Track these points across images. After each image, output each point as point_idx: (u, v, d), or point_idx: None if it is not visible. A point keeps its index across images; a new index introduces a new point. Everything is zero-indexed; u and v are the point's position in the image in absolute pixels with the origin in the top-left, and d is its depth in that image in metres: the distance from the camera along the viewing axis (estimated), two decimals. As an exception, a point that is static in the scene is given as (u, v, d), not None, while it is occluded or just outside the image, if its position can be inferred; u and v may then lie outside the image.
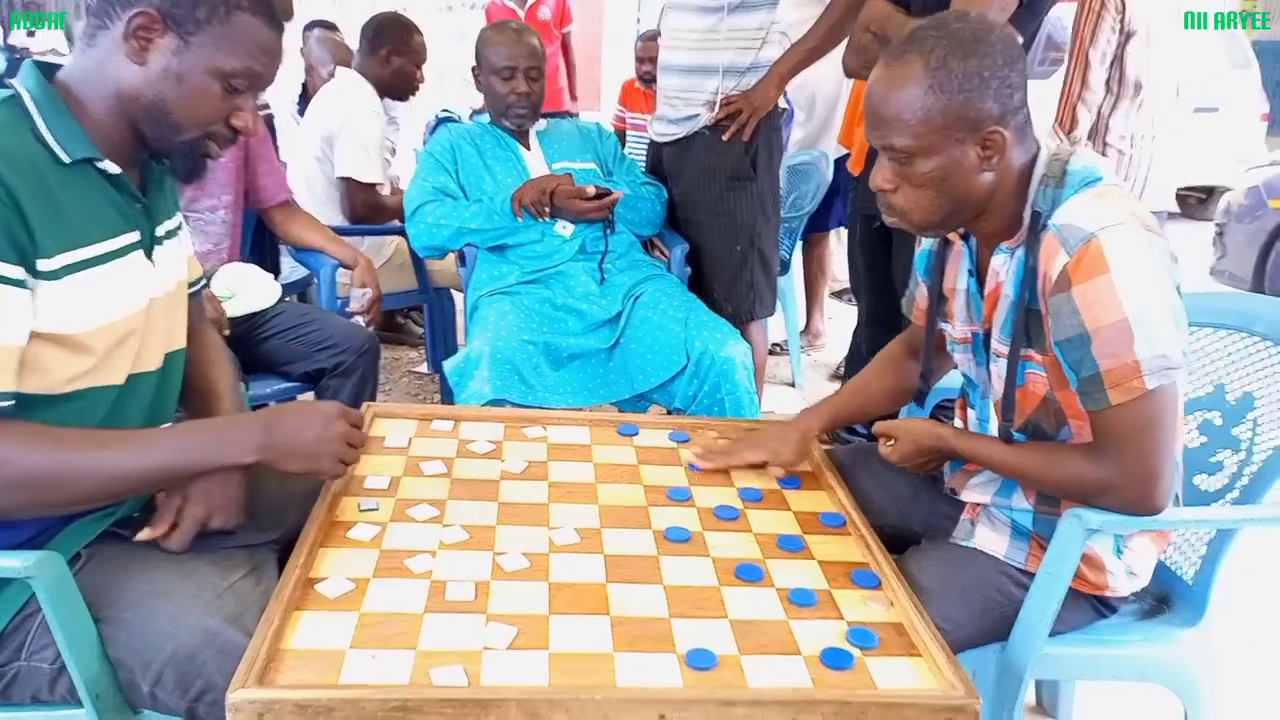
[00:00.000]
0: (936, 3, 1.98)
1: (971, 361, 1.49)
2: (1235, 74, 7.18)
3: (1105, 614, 1.45)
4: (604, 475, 1.58)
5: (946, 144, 1.28)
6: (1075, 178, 1.30)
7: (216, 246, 2.36)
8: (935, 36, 1.27)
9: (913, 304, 1.66)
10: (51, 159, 1.16)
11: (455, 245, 2.45)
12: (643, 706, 1.05)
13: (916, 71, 1.26)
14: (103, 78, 1.20)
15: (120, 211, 1.25)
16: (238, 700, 1.00)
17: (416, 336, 4.04)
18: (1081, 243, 1.23)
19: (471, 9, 11.99)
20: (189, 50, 1.19)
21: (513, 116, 2.48)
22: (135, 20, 1.17)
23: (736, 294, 2.56)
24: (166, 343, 1.34)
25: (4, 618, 1.17)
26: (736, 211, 2.51)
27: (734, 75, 2.46)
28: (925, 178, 1.30)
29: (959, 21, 1.29)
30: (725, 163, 2.50)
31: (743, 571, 1.32)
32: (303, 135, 3.31)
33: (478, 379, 2.10)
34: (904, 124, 1.28)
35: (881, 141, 1.32)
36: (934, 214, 1.34)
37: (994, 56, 1.26)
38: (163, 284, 1.32)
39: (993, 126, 1.27)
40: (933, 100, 1.26)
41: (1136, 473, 1.25)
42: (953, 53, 1.25)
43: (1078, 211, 1.26)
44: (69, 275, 1.16)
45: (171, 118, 1.21)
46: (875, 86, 1.32)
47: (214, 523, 1.25)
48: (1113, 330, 1.21)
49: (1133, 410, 1.23)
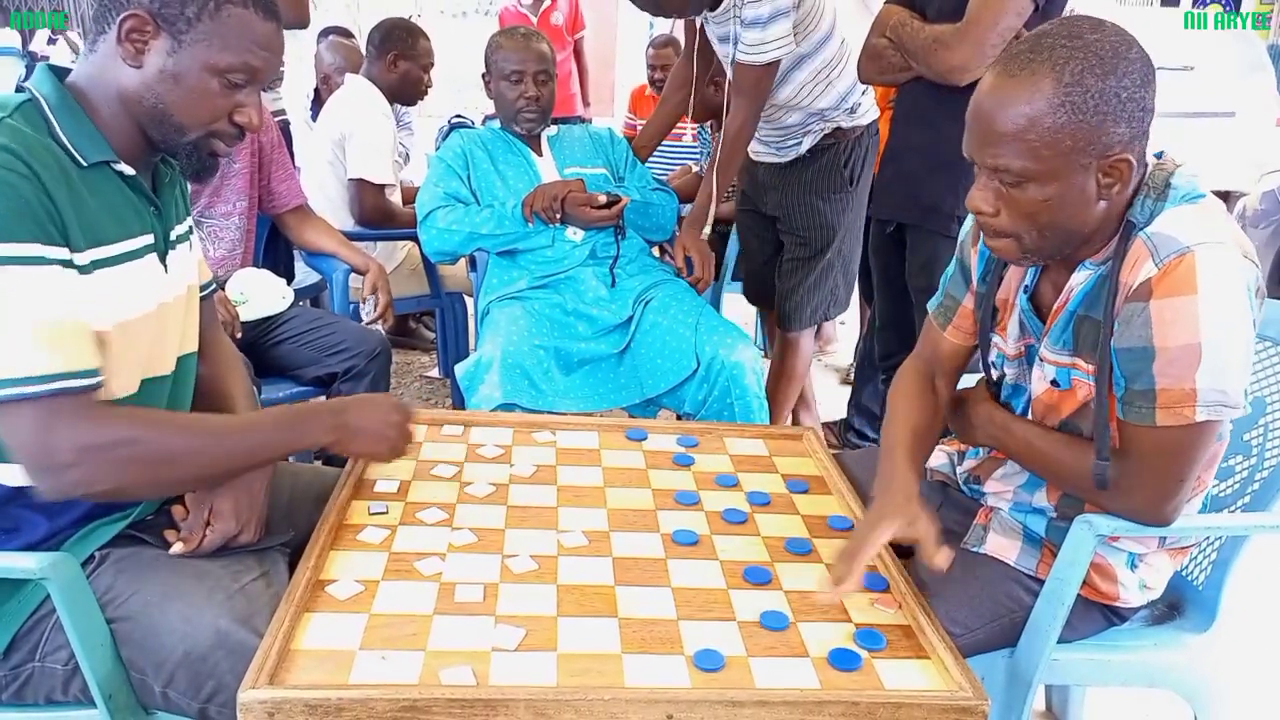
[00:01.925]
0: (953, 9, 1.99)
1: (1024, 375, 1.42)
2: (1251, 78, 7.14)
3: (1116, 622, 1.44)
4: (612, 479, 1.59)
5: (1069, 169, 1.16)
6: (1178, 192, 1.21)
7: (231, 252, 2.38)
8: (1069, 47, 1.14)
9: (950, 318, 1.52)
10: (70, 160, 1.17)
11: (466, 250, 2.46)
12: (650, 707, 1.05)
13: (1046, 86, 1.13)
14: (105, 83, 1.21)
15: (136, 213, 1.26)
16: (249, 700, 1.01)
17: (428, 341, 4.06)
18: (1174, 255, 1.15)
19: (485, 15, 12.05)
20: (182, 49, 1.18)
21: (522, 121, 2.50)
22: (127, 23, 1.17)
23: (818, 296, 2.71)
24: (179, 346, 1.35)
25: (19, 619, 1.18)
26: (832, 220, 2.64)
27: (818, 119, 2.59)
28: (1037, 204, 1.18)
29: (1094, 32, 1.16)
30: (824, 178, 2.63)
31: (751, 574, 1.32)
32: (315, 141, 3.34)
33: (488, 384, 2.11)
34: (1025, 144, 1.15)
35: (994, 161, 1.18)
36: (1038, 244, 1.23)
37: (1133, 75, 1.14)
38: (173, 289, 1.32)
39: (1121, 153, 1.16)
40: (1063, 119, 1.13)
41: (1153, 488, 1.24)
42: (1090, 69, 1.13)
43: (1175, 223, 1.17)
44: (97, 270, 1.17)
45: (173, 119, 1.21)
46: (990, 98, 1.18)
47: (241, 538, 1.28)
48: (1180, 352, 1.14)
49: (1171, 434, 1.19)
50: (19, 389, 1.07)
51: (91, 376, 1.12)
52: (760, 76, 2.39)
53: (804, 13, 2.41)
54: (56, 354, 1.09)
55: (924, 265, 2.16)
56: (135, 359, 1.25)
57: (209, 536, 1.26)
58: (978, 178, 1.24)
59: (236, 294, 2.26)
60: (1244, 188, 6.15)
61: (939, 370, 1.54)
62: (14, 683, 1.19)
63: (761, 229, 2.83)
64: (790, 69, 2.48)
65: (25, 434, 1.09)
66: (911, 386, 1.52)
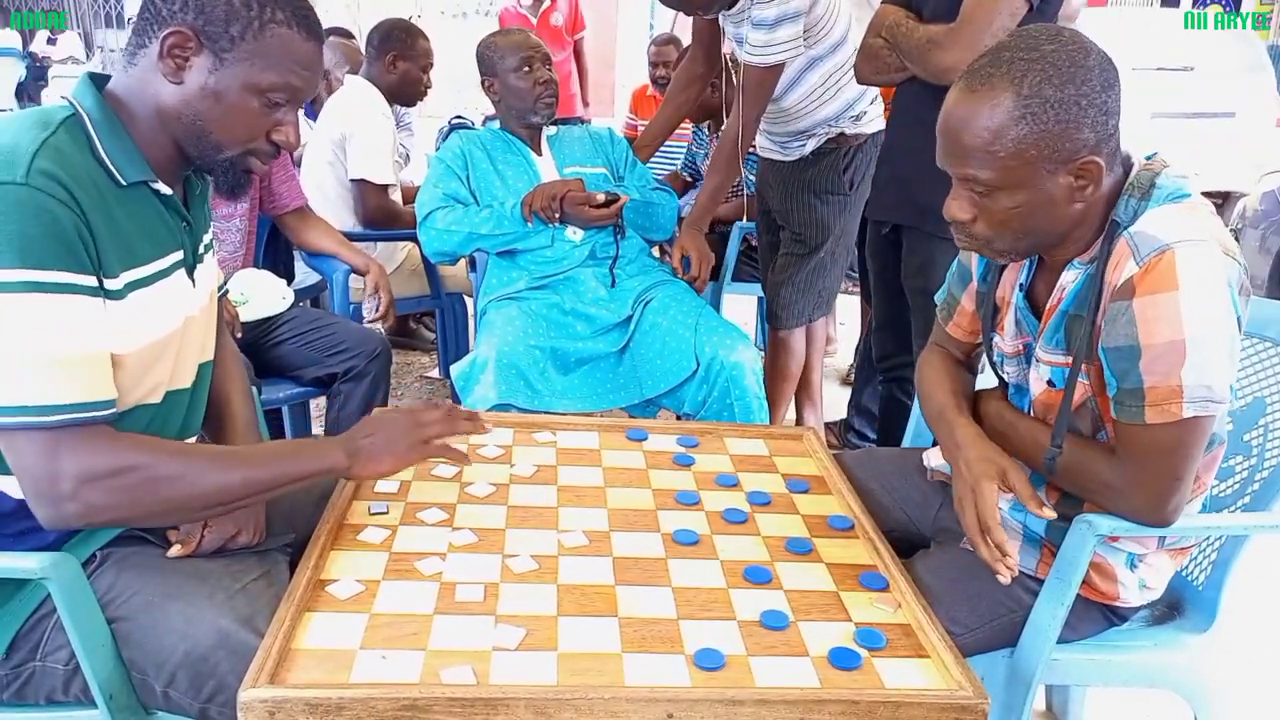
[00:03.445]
0: (948, 9, 1.98)
1: (1023, 372, 1.43)
2: (1251, 78, 7.15)
3: (1116, 623, 1.44)
4: (612, 479, 1.59)
5: (1036, 177, 1.19)
6: (1163, 191, 1.22)
7: (232, 255, 2.38)
8: (1026, 60, 1.17)
9: (951, 315, 1.57)
10: (110, 180, 1.16)
11: (466, 251, 2.45)
12: (650, 706, 1.06)
13: (1006, 99, 1.16)
14: (144, 97, 1.19)
15: (169, 231, 1.25)
16: (249, 699, 1.01)
17: (428, 342, 4.06)
18: (1154, 253, 1.16)
19: (485, 15, 12.06)
20: (224, 67, 1.17)
21: (540, 108, 2.47)
22: (169, 39, 1.15)
23: (808, 295, 2.74)
24: (199, 355, 1.35)
25: (19, 619, 1.18)
26: (828, 219, 2.67)
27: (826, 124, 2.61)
28: (1009, 211, 1.21)
29: (1051, 43, 1.18)
30: (824, 179, 2.66)
31: (751, 574, 1.32)
32: (315, 141, 3.34)
33: (483, 384, 2.11)
34: (989, 155, 1.18)
35: (963, 173, 1.22)
36: (1016, 245, 1.26)
37: (1091, 82, 1.17)
38: (198, 300, 1.32)
39: (1088, 157, 1.18)
40: (1025, 130, 1.16)
41: (1152, 489, 1.24)
42: (1048, 79, 1.16)
43: (1157, 222, 1.19)
44: (130, 294, 1.16)
45: (212, 136, 1.20)
46: (955, 111, 1.21)
47: (240, 540, 1.28)
48: (1165, 349, 1.16)
49: (1163, 432, 1.19)
50: (29, 417, 1.06)
51: (104, 408, 1.11)
52: (763, 78, 2.40)
53: (817, 16, 2.41)
54: (72, 384, 1.08)
55: (920, 267, 2.15)
56: (161, 373, 1.24)
57: (207, 538, 1.26)
58: (953, 187, 1.27)
59: (237, 294, 2.26)
60: (1244, 188, 6.16)
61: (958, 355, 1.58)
62: (15, 682, 1.19)
63: (771, 231, 2.86)
64: (804, 70, 2.50)
65: (30, 461, 1.08)
66: (937, 362, 1.56)
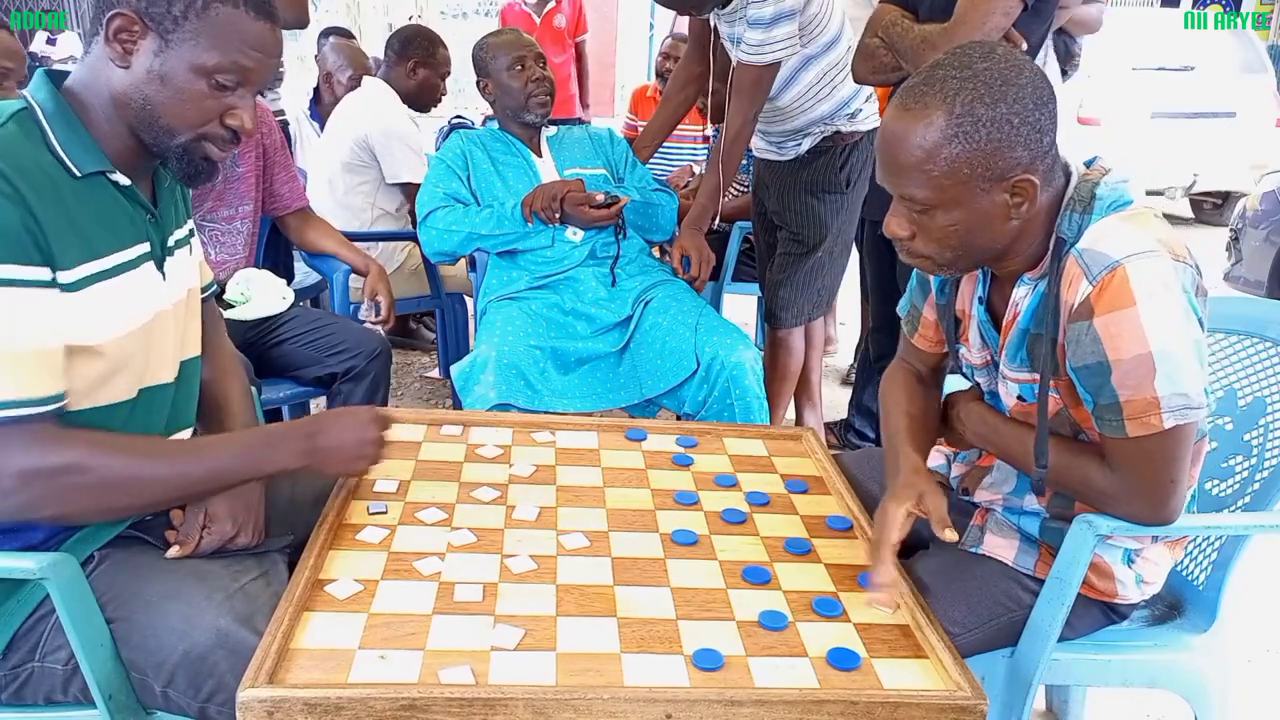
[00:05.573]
0: (944, 8, 1.98)
1: (993, 382, 1.43)
2: (1251, 78, 7.15)
3: (1116, 620, 1.44)
4: (612, 480, 1.59)
5: (971, 195, 1.18)
6: (1104, 202, 1.22)
7: (234, 255, 2.38)
8: (959, 79, 1.17)
9: (916, 327, 1.55)
10: (64, 171, 1.15)
11: (466, 250, 2.45)
12: (649, 706, 1.06)
13: (938, 119, 1.16)
14: (97, 86, 1.19)
15: (132, 222, 1.24)
16: (248, 699, 1.01)
17: (429, 341, 4.06)
18: (1106, 271, 1.16)
19: (486, 15, 12.06)
20: (170, 49, 1.15)
21: (534, 106, 2.48)
22: (114, 23, 1.15)
23: (806, 295, 2.73)
24: (180, 352, 1.34)
25: (18, 619, 1.18)
26: (825, 218, 2.66)
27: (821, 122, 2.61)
28: (945, 229, 1.21)
29: (984, 61, 1.18)
30: (820, 177, 2.65)
31: (750, 574, 1.32)
32: (327, 141, 3.34)
33: (483, 384, 2.11)
34: (923, 174, 1.18)
35: (900, 191, 1.22)
36: (957, 261, 1.27)
37: (1024, 100, 1.16)
38: (172, 295, 1.31)
39: (1022, 174, 1.18)
40: (958, 149, 1.16)
41: (1150, 494, 1.24)
42: (979, 98, 1.15)
43: (1103, 236, 1.19)
44: (88, 287, 1.16)
45: (161, 120, 1.18)
46: (890, 129, 1.21)
47: (239, 540, 1.28)
48: (1134, 363, 1.16)
49: (1149, 443, 1.20)
50: None
51: (49, 403, 1.11)
52: (759, 77, 2.40)
53: (811, 15, 2.41)
54: (15, 379, 1.08)
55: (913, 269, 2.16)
56: (133, 370, 1.23)
57: (205, 539, 1.26)
58: (892, 204, 1.27)
59: (237, 294, 2.26)
60: (1244, 188, 6.16)
61: (922, 370, 1.57)
62: (14, 683, 1.19)
63: (768, 231, 2.86)
64: (798, 70, 2.49)
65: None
66: (900, 380, 1.56)
